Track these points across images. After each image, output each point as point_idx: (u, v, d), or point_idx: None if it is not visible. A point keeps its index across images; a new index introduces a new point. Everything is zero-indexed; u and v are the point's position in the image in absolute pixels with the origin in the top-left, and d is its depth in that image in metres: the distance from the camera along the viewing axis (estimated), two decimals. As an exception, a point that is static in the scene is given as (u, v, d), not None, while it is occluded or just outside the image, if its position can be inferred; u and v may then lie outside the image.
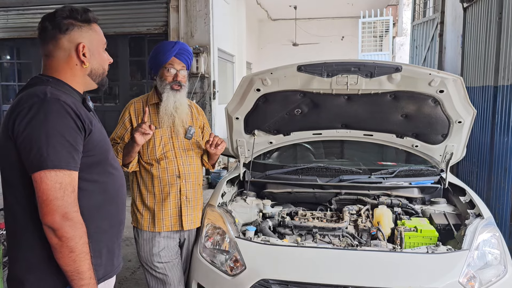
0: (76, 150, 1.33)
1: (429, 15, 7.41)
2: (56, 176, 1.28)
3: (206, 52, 7.33)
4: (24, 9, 7.95)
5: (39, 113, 1.28)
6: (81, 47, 1.44)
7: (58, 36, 1.42)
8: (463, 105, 2.59)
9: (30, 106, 1.30)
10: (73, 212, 1.30)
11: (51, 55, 1.45)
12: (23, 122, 1.28)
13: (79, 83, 1.49)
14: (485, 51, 4.37)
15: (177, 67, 2.37)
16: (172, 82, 2.37)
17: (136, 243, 2.47)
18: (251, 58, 13.63)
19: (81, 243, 1.31)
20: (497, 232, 2.38)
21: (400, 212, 2.73)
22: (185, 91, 2.42)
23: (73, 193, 1.31)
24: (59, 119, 1.30)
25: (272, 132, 3.01)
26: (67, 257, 1.30)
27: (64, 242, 1.28)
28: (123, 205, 1.62)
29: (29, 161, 1.28)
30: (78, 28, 1.44)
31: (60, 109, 1.31)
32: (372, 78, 2.49)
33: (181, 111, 2.38)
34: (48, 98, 1.31)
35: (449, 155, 2.92)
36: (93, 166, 1.42)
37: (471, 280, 2.09)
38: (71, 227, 1.29)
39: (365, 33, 11.91)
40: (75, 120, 1.33)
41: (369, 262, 2.17)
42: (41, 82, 1.41)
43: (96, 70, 1.51)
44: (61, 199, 1.28)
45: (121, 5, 7.61)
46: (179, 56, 2.37)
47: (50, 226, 1.28)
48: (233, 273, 2.23)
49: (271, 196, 2.99)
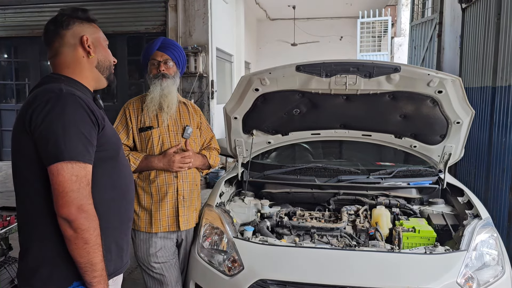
0: (91, 143, 1.37)
1: (427, 16, 7.41)
2: (72, 168, 1.31)
3: (205, 51, 7.32)
4: (21, 7, 7.92)
5: (56, 107, 1.32)
6: (85, 38, 1.50)
7: (62, 33, 1.49)
8: (462, 105, 2.59)
9: (47, 100, 1.34)
10: (88, 205, 1.34)
11: (58, 53, 1.50)
12: (41, 116, 1.32)
13: (88, 78, 1.54)
14: (484, 51, 4.37)
15: (159, 59, 2.40)
16: (156, 74, 2.39)
17: (133, 244, 2.46)
18: (249, 57, 13.62)
19: (95, 235, 1.34)
20: (495, 232, 2.39)
21: (398, 213, 2.73)
22: (173, 81, 2.42)
23: (88, 186, 1.35)
24: (75, 113, 1.34)
25: (271, 132, 3.00)
26: (81, 249, 1.32)
27: (79, 234, 1.31)
28: (132, 202, 1.66)
29: (46, 153, 1.32)
30: (80, 23, 1.52)
31: (76, 103, 1.35)
32: (370, 78, 2.49)
33: (169, 99, 2.38)
34: (64, 93, 1.35)
35: (448, 155, 2.93)
36: (105, 161, 1.46)
37: (469, 281, 2.10)
38: (86, 219, 1.32)
39: (364, 33, 11.90)
40: (89, 115, 1.37)
41: (367, 263, 2.17)
42: (53, 80, 1.46)
43: (103, 62, 1.57)
44: (77, 191, 1.31)
45: (119, 4, 7.59)
46: (162, 49, 2.41)
47: (66, 217, 1.30)
48: (231, 273, 2.23)
49: (269, 196, 2.98)
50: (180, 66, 2.48)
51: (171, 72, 2.42)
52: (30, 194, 1.40)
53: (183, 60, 2.51)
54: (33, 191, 1.39)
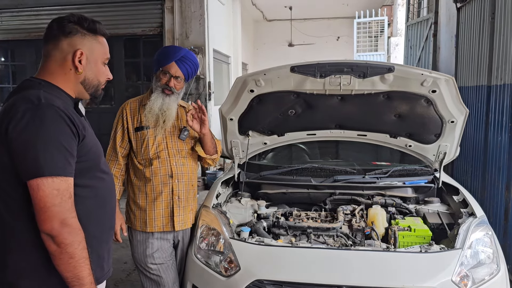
0: (72, 155, 1.33)
1: (423, 15, 7.43)
2: (53, 182, 1.27)
3: (202, 53, 7.33)
4: (18, 11, 7.91)
5: (34, 119, 1.27)
6: (79, 53, 1.44)
7: (60, 38, 1.43)
8: (456, 105, 2.61)
9: (24, 111, 1.28)
10: (71, 218, 1.30)
11: (49, 55, 1.45)
12: (18, 128, 1.27)
13: (71, 89, 1.48)
14: (479, 51, 4.39)
15: (173, 73, 2.35)
16: (164, 86, 2.36)
17: (130, 245, 2.48)
18: (246, 59, 13.62)
19: (80, 249, 1.31)
20: (490, 230, 2.40)
21: (394, 212, 2.74)
22: (176, 97, 2.40)
23: (70, 199, 1.31)
24: (54, 125, 1.29)
25: (266, 133, 3.01)
26: (67, 264, 1.29)
27: (63, 249, 1.28)
28: (113, 210, 1.62)
29: (25, 167, 1.27)
30: (82, 35, 1.45)
31: (55, 115, 1.30)
32: (365, 78, 2.50)
33: (167, 115, 2.37)
34: (42, 104, 1.30)
35: (443, 154, 2.94)
36: (85, 171, 1.41)
37: (464, 279, 2.11)
38: (69, 233, 1.28)
39: (361, 33, 11.92)
40: (69, 126, 1.32)
41: (363, 262, 2.18)
42: (33, 86, 1.40)
43: (90, 80, 1.50)
44: (59, 205, 1.27)
45: (116, 6, 7.59)
46: (179, 63, 2.34)
47: (49, 233, 1.27)
48: (227, 274, 2.23)
49: (265, 196, 2.99)
50: (188, 80, 2.45)
51: (178, 89, 2.39)
52: (7, 205, 1.35)
53: (194, 75, 2.47)
54: (10, 201, 1.35)
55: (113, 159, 2.44)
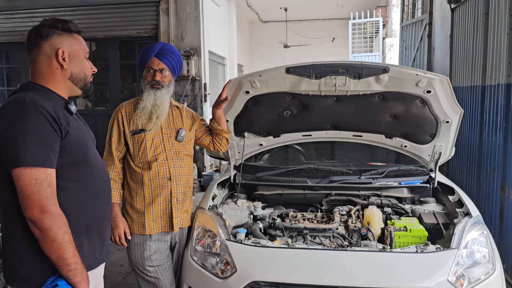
0: (52, 149, 1.44)
1: (417, 16, 7.46)
2: (31, 173, 1.39)
3: (197, 54, 7.33)
4: (12, 13, 7.89)
5: (17, 117, 1.42)
6: (61, 52, 1.56)
7: (40, 43, 1.56)
8: (451, 105, 2.62)
9: (10, 110, 1.44)
10: (50, 205, 1.41)
11: (35, 61, 1.58)
12: (3, 126, 1.42)
13: (62, 87, 1.60)
14: (473, 51, 4.42)
15: (156, 67, 2.37)
16: (152, 82, 2.38)
17: (127, 248, 2.46)
18: (242, 60, 13.62)
19: (61, 233, 1.42)
20: (485, 230, 2.41)
21: (390, 212, 2.75)
22: (166, 91, 2.41)
23: (49, 188, 1.42)
24: (35, 121, 1.42)
25: (262, 134, 3.01)
26: (50, 246, 1.41)
27: (45, 233, 1.40)
28: (107, 201, 1.71)
29: (8, 159, 1.41)
30: (58, 35, 1.57)
31: (36, 112, 1.43)
32: (360, 79, 2.51)
33: (160, 110, 2.38)
34: (26, 103, 1.44)
35: (438, 154, 2.95)
36: (73, 165, 1.53)
37: (460, 279, 2.11)
38: (49, 219, 1.40)
39: (356, 34, 11.95)
40: (51, 122, 1.44)
41: (360, 262, 2.18)
42: (25, 88, 1.54)
43: (77, 74, 1.62)
44: (37, 193, 1.39)
45: (111, 8, 7.58)
46: (159, 56, 2.38)
47: (30, 219, 1.40)
48: (224, 275, 2.23)
49: (262, 198, 2.99)
50: (176, 73, 2.48)
51: (166, 81, 2.41)
52: (2, 197, 1.50)
53: (180, 66, 2.49)
54: (4, 193, 1.48)
55: (110, 163, 2.42)
